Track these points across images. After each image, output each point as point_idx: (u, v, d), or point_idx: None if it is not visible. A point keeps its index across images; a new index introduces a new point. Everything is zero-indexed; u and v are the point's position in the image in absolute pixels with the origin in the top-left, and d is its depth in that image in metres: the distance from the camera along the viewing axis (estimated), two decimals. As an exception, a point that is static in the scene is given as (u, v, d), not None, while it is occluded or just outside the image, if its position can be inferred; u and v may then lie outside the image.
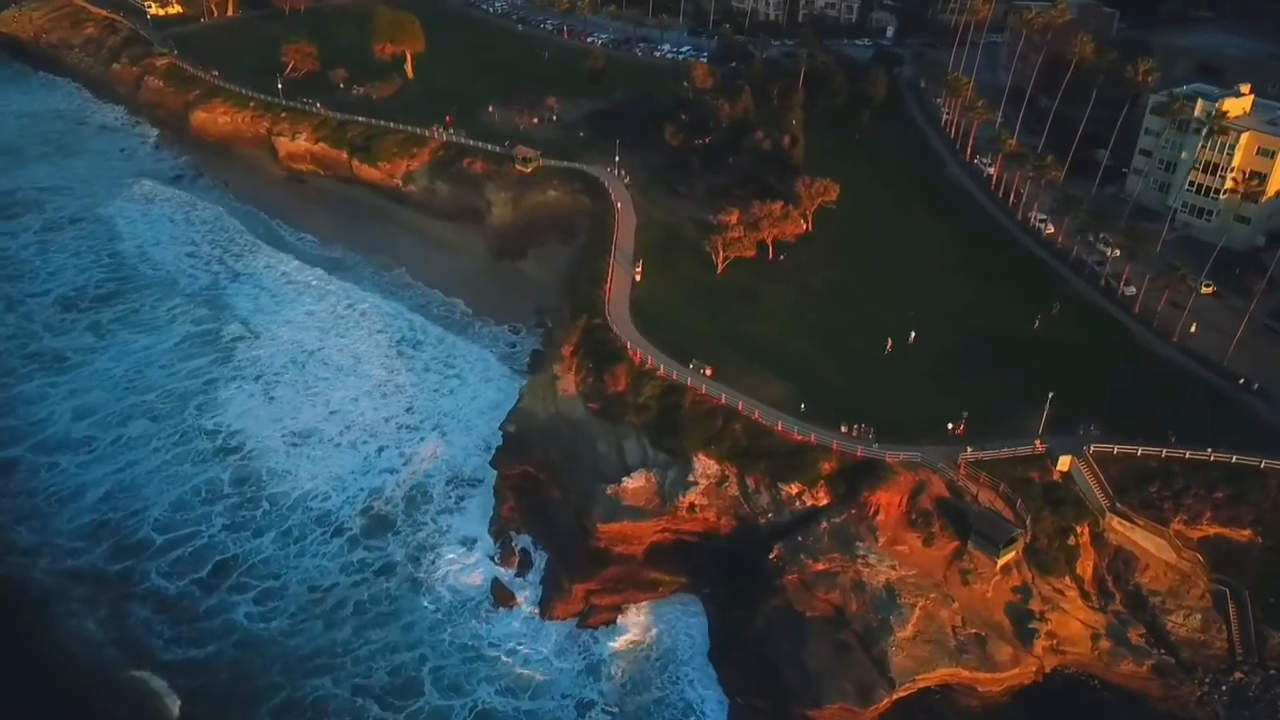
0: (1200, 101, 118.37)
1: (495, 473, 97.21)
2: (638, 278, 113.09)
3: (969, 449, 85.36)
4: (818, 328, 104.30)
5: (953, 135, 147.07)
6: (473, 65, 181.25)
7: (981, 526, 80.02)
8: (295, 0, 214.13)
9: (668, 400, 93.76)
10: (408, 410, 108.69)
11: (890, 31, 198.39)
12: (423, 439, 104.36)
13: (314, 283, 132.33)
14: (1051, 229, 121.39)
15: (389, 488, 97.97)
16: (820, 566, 79.73)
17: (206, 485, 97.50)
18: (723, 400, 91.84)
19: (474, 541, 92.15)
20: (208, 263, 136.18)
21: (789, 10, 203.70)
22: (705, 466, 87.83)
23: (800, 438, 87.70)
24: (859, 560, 79.49)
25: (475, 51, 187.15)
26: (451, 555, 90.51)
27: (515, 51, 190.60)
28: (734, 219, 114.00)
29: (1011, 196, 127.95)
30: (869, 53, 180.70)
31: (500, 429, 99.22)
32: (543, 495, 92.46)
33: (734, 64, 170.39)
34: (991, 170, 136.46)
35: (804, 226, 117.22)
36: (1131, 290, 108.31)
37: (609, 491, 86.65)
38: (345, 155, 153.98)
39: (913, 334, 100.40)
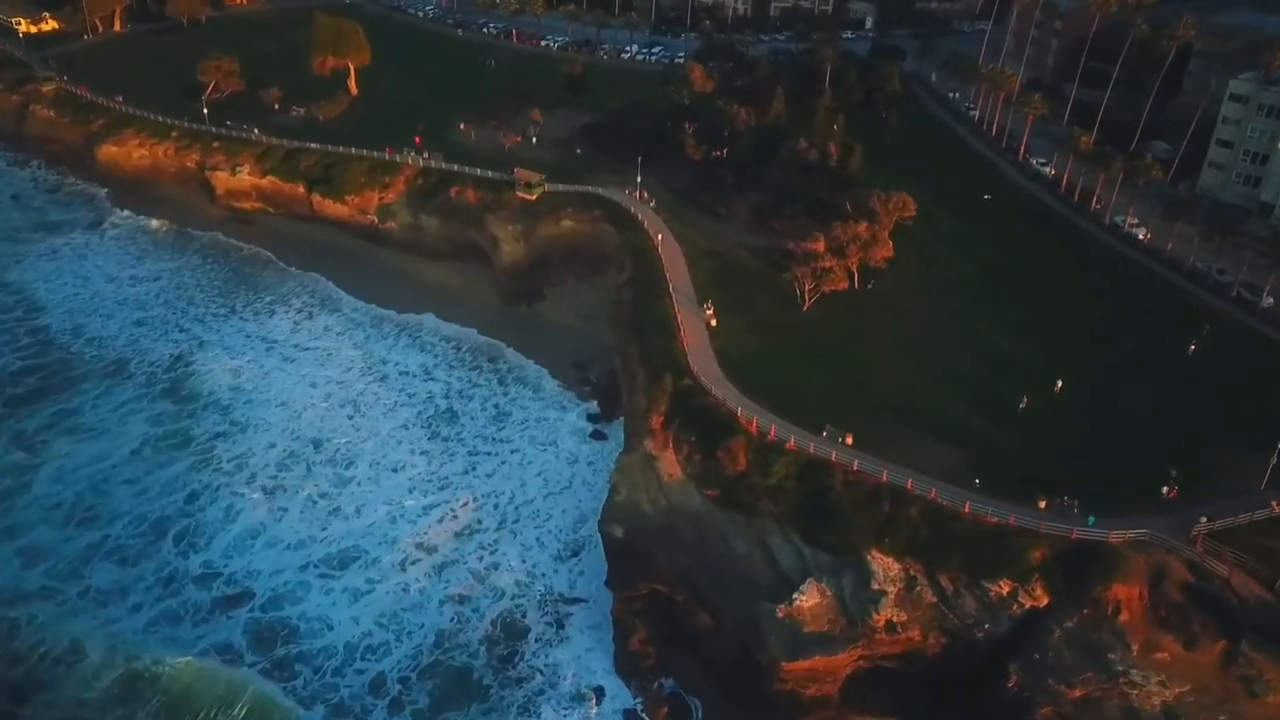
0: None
1: (608, 591, 77.36)
2: (712, 322, 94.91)
3: (1204, 518, 70.53)
4: (945, 372, 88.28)
5: (993, 133, 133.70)
6: (418, 78, 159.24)
7: (1255, 619, 65.22)
8: (193, 9, 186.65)
9: (810, 481, 76.19)
10: (462, 506, 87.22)
11: (869, 23, 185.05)
12: (493, 546, 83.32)
13: (304, 346, 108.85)
14: (1147, 234, 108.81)
15: (463, 626, 76.32)
16: (1077, 693, 63.53)
17: (219, 651, 73.50)
18: (884, 477, 74.72)
19: (599, 691, 71.75)
20: (164, 330, 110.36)
21: (757, 4, 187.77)
22: (885, 567, 70.51)
23: (995, 520, 71.32)
24: (1121, 679, 63.59)
25: (415, 62, 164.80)
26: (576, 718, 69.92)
27: (459, 60, 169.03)
28: (821, 246, 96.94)
29: (1094, 201, 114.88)
30: (856, 46, 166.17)
31: (601, 529, 79.50)
32: (684, 621, 73.24)
33: (729, 64, 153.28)
34: (1050, 171, 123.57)
35: (891, 249, 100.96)
36: (1270, 302, 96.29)
37: (780, 614, 68.30)
38: (302, 190, 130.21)
39: (1059, 383, 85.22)
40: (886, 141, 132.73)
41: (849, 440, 78.64)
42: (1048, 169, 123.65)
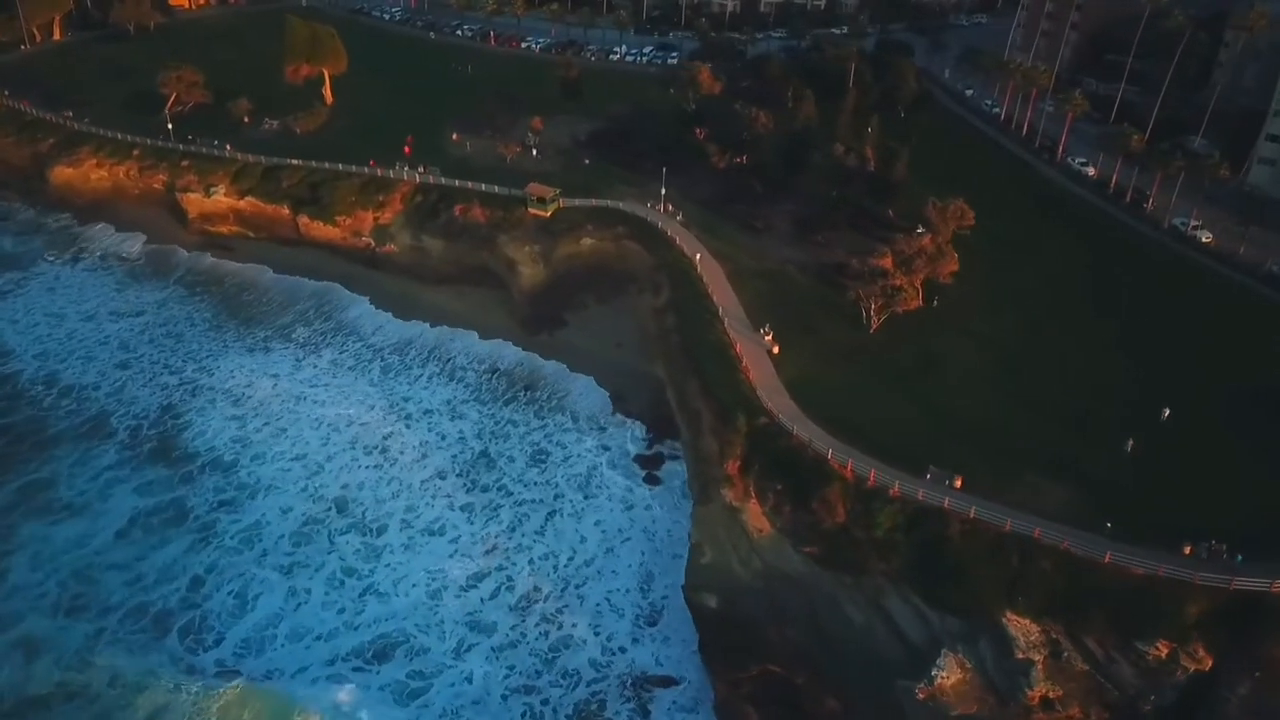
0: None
1: (702, 666, 68.06)
2: (774, 350, 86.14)
3: (1371, 562, 63.61)
4: (1036, 398, 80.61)
5: (1024, 132, 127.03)
6: (395, 85, 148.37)
7: None
8: (141, 16, 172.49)
9: (922, 532, 67.84)
10: (517, 572, 77.01)
11: (862, 18, 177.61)
12: (557, 618, 73.35)
13: (313, 382, 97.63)
14: (1210, 237, 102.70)
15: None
16: (1276, 778, 56.03)
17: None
18: (1008, 526, 66.61)
19: (712, 797, 62.54)
20: (152, 374, 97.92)
21: (747, 1, 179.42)
22: (1023, 631, 62.44)
23: (1141, 570, 63.58)
24: (1320, 757, 56.29)
25: (389, 68, 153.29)
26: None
27: (436, 65, 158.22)
28: (889, 262, 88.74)
29: (1149, 202, 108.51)
30: (854, 43, 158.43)
31: (687, 596, 70.31)
32: (809, 709, 64.29)
33: (733, 64, 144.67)
34: (1091, 171, 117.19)
35: (957, 263, 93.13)
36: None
37: (920, 695, 59.85)
38: (287, 211, 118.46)
39: (1166, 410, 77.95)
40: (912, 144, 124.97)
41: (958, 483, 70.40)
42: (1089, 169, 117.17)
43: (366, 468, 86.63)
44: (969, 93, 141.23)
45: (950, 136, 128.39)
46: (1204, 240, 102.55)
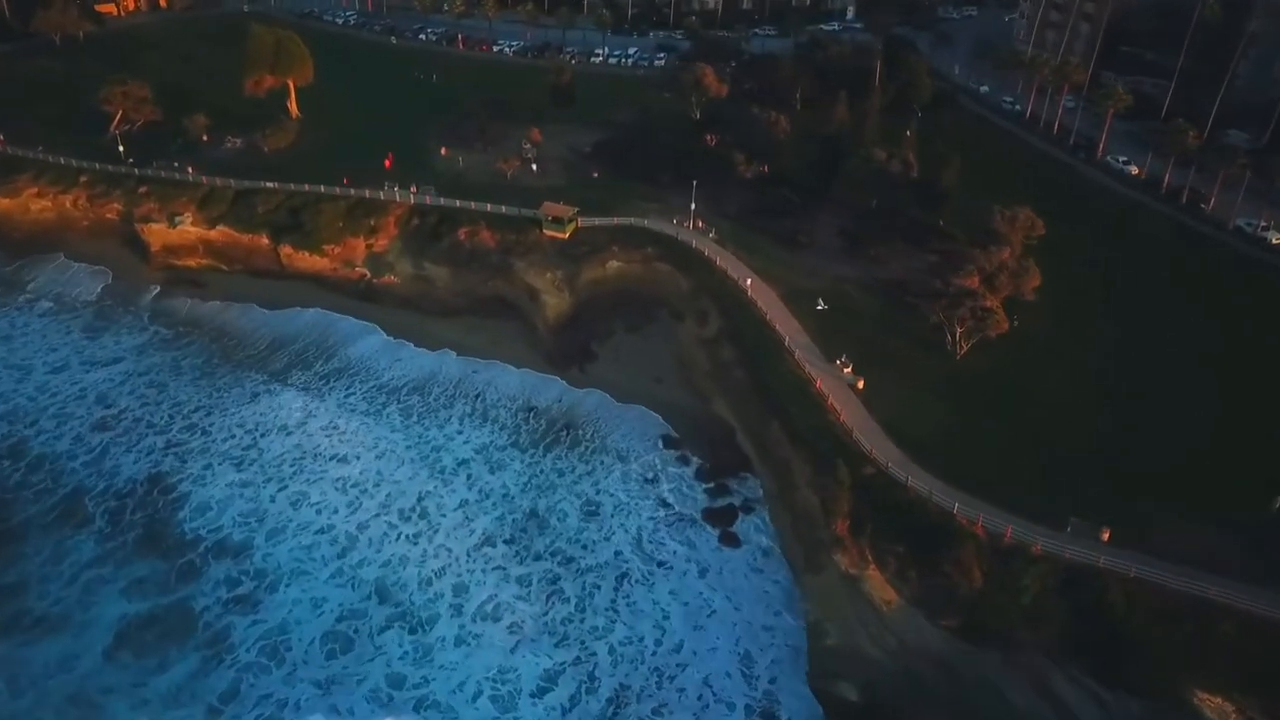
0: None
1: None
2: (858, 384, 77.02)
3: None
4: (1155, 428, 72.95)
5: (1054, 130, 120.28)
6: (362, 95, 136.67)
7: None
8: (68, 25, 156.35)
9: (1077, 596, 59.67)
10: (595, 660, 66.31)
11: (850, 12, 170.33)
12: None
13: (328, 430, 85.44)
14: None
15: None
16: None
17: None
18: (1177, 585, 58.48)
19: None
20: (137, 435, 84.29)
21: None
22: (1219, 712, 54.33)
23: (1337, 634, 56.05)
24: None
25: (351, 77, 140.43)
26: None
27: (401, 71, 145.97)
28: (975, 281, 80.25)
29: (1209, 202, 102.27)
30: (845, 38, 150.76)
31: (813, 686, 60.73)
32: None
33: (730, 64, 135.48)
34: (1135, 170, 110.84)
35: (1039, 278, 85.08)
36: None
37: (1123, 798, 51.19)
38: (266, 240, 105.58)
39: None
40: (939, 148, 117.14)
41: (1105, 535, 62.16)
42: (1131, 167, 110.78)
43: (405, 538, 74.94)
44: (985, 89, 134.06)
45: (974, 137, 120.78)
46: (1275, 241, 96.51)
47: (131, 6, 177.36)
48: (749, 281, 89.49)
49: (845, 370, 78.27)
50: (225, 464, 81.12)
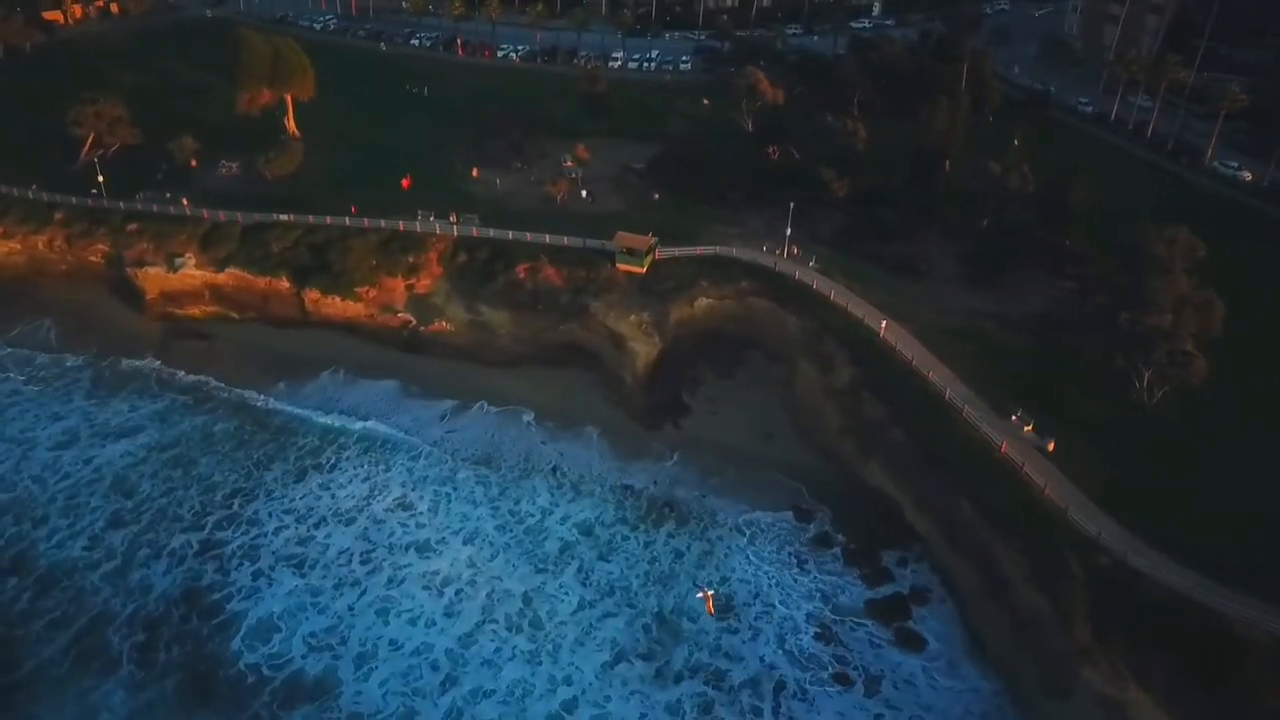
0: None
1: None
2: (1050, 447, 65.25)
3: None
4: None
5: (1146, 134, 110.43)
6: (362, 110, 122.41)
7: None
8: (11, 34, 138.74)
9: None
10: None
11: (876, 8, 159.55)
12: None
13: (401, 526, 70.22)
14: None
15: None
16: None
17: None
18: None
19: None
20: (167, 533, 68.19)
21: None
22: None
23: None
24: None
25: (344, 89, 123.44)
26: None
27: (402, 82, 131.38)
28: (1169, 318, 68.86)
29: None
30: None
31: None
32: None
33: (798, 69, 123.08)
34: (1248, 176, 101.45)
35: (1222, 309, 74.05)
36: None
37: None
38: (286, 284, 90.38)
39: None
40: (1023, 153, 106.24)
41: None
42: (1244, 174, 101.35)
43: (520, 656, 60.86)
44: (1052, 90, 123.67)
45: (1061, 143, 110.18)
46: None
47: (79, 14, 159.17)
48: (884, 323, 77.05)
49: (1026, 429, 66.43)
50: (282, 568, 66.13)
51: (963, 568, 62.20)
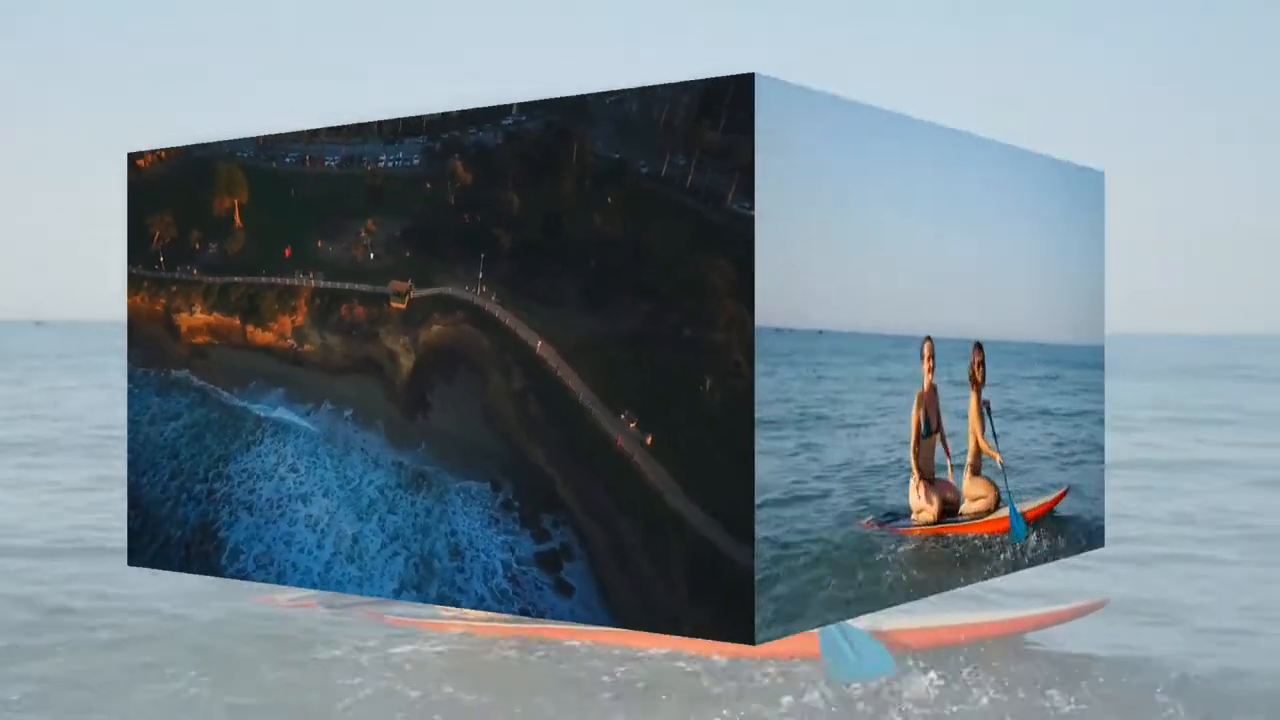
0: None
1: None
2: (649, 441, 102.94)
3: None
4: None
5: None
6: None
7: None
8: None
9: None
10: None
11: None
12: None
13: None
14: None
15: None
16: None
17: None
18: None
19: None
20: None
21: None
22: None
23: None
24: None
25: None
26: None
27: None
28: (722, 335, 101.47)
29: None
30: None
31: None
32: None
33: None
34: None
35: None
36: None
37: None
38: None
39: None
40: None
41: None
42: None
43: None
44: None
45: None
46: None
47: None
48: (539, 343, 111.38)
49: (633, 426, 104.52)
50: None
51: (596, 533, 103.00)
